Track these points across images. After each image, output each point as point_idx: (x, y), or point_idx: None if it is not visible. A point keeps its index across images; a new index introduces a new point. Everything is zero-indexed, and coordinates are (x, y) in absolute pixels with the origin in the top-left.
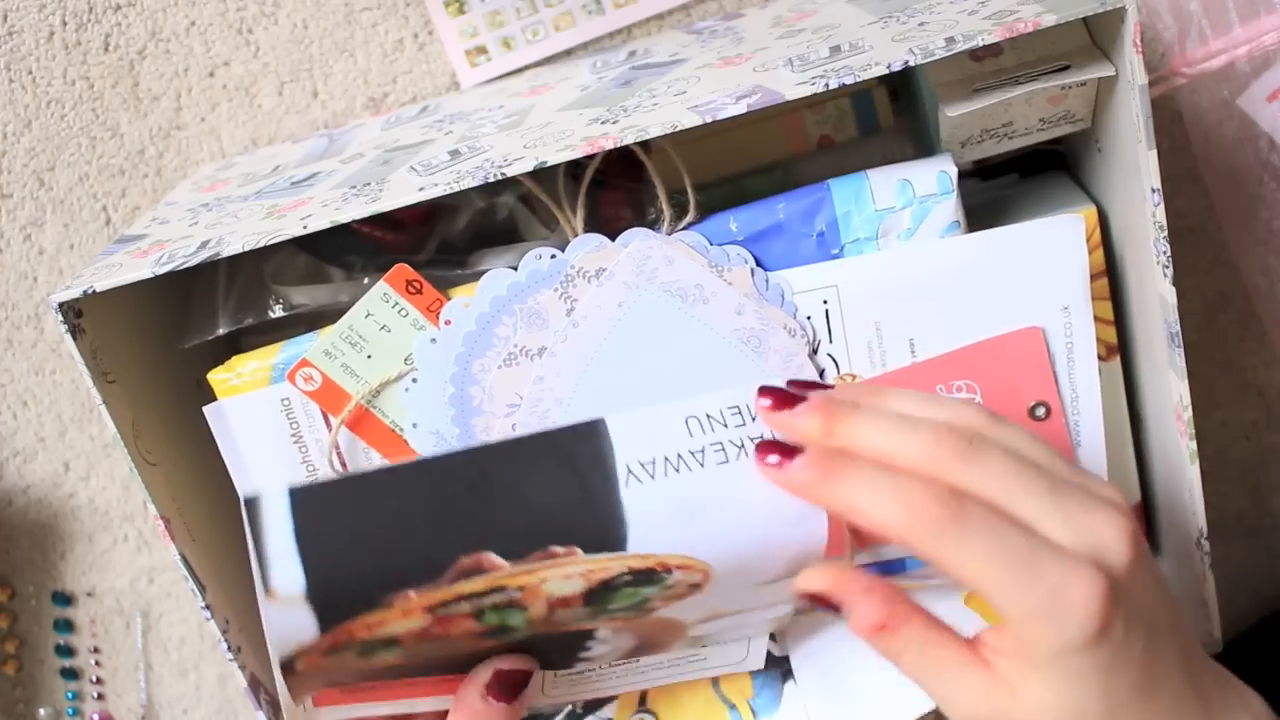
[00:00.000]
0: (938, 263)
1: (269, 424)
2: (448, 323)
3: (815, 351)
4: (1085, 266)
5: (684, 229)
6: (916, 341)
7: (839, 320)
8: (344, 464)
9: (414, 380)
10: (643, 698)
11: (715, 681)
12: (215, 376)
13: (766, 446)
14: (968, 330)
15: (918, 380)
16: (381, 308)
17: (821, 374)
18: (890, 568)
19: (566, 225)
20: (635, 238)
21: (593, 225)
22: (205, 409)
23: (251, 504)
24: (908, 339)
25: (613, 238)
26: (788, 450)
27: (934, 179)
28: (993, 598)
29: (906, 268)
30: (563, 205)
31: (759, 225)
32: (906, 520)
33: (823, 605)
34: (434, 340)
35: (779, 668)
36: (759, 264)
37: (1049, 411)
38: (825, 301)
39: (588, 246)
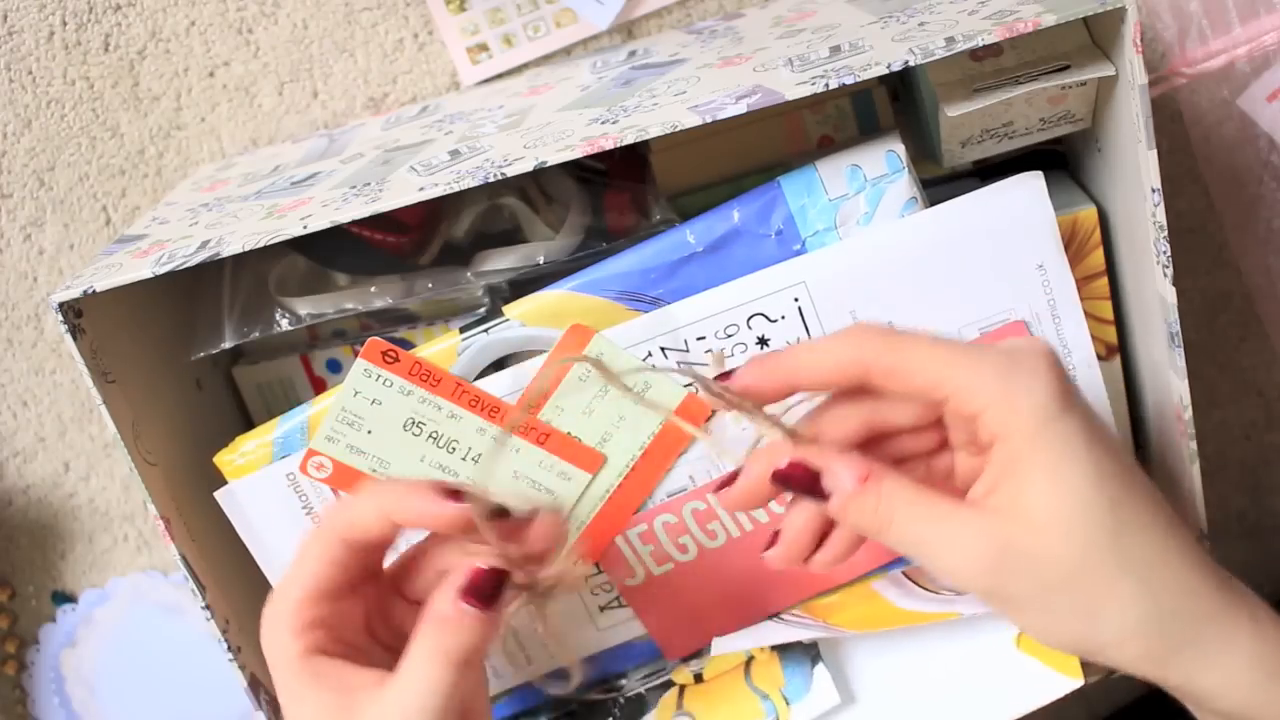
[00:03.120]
0: (901, 242)
1: (279, 501)
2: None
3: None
4: (1053, 221)
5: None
6: (896, 323)
7: (813, 315)
8: None
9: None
10: (680, 700)
11: (747, 674)
12: (222, 459)
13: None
14: (944, 303)
15: None
16: (366, 383)
17: None
18: (890, 567)
19: None
20: None
21: (599, 226)
22: (217, 494)
23: None
24: (886, 322)
25: (618, 239)
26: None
27: (883, 159)
28: (956, 385)
29: (871, 252)
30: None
31: (716, 233)
32: (856, 347)
33: (797, 482)
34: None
35: (807, 654)
36: (721, 275)
37: None
38: (796, 299)
39: None
